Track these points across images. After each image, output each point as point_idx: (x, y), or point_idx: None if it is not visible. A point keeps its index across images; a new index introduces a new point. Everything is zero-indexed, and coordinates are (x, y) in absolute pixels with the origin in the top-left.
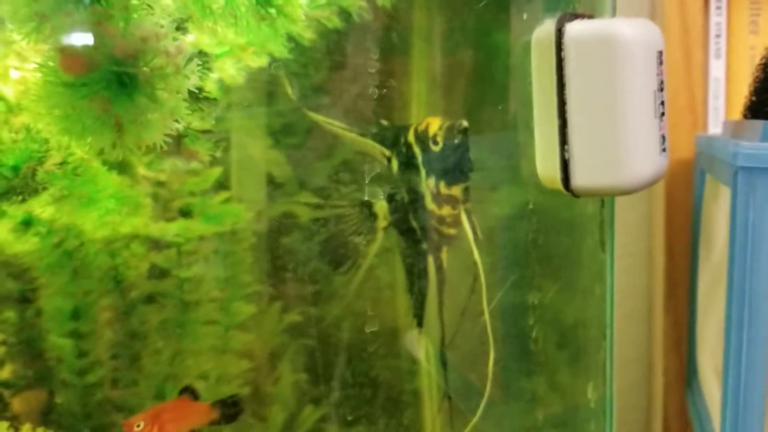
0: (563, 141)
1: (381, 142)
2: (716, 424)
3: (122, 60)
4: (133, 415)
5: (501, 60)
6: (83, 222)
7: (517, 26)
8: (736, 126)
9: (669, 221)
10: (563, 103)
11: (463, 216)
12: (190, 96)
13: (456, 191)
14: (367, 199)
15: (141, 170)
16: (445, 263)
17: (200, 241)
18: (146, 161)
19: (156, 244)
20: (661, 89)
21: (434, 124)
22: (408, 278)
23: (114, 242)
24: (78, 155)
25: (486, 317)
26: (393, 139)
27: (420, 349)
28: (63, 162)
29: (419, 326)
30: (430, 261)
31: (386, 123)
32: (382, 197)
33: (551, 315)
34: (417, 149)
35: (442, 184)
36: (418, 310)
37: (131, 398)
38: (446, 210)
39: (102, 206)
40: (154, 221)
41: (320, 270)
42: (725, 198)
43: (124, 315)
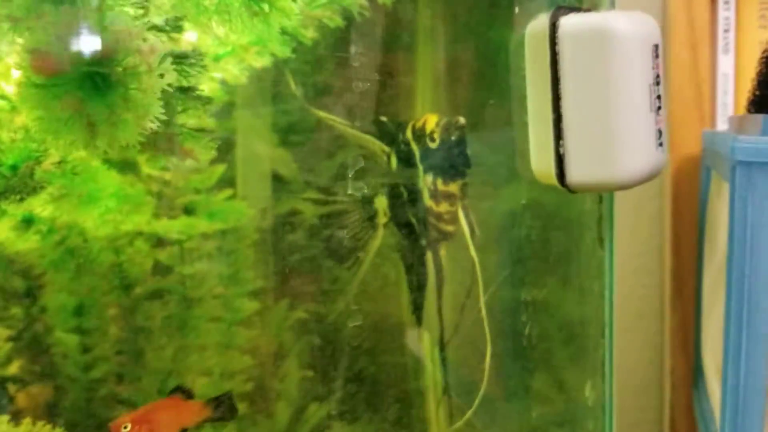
0: (558, 136)
1: (381, 139)
2: (718, 424)
3: (94, 60)
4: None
5: (502, 57)
6: (84, 220)
7: (520, 22)
8: (740, 121)
9: (675, 219)
10: (558, 98)
11: (461, 213)
12: (183, 94)
13: (453, 188)
14: (367, 195)
15: (145, 169)
16: (444, 260)
17: (203, 238)
18: (143, 159)
19: (159, 242)
20: (658, 83)
21: (431, 121)
22: (407, 275)
23: (117, 240)
24: (76, 154)
25: (483, 314)
26: (392, 136)
27: (422, 347)
28: (61, 161)
29: (418, 322)
30: (429, 257)
31: (386, 120)
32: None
33: (548, 312)
34: (415, 146)
35: (440, 181)
36: (417, 307)
37: (135, 394)
38: (444, 207)
39: (102, 204)
40: (157, 219)
41: (322, 266)
42: (727, 194)
43: (129, 311)
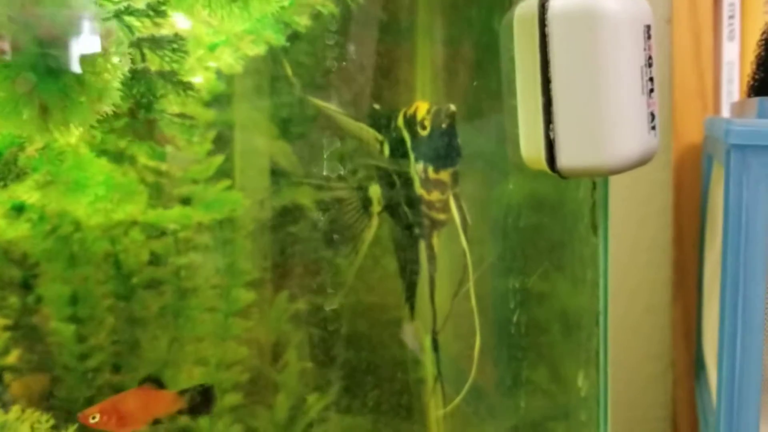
0: (548, 120)
1: (374, 127)
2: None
3: (47, 42)
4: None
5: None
6: (74, 208)
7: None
8: (740, 106)
9: (678, 209)
10: (547, 81)
11: (452, 201)
12: (163, 79)
13: (444, 176)
14: (362, 184)
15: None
16: (436, 248)
17: (199, 229)
18: (122, 145)
19: (156, 232)
20: (650, 65)
21: (422, 109)
22: (400, 264)
23: (111, 229)
24: (61, 141)
25: (473, 303)
26: (385, 124)
27: (416, 338)
28: (45, 147)
29: (411, 311)
30: (421, 246)
31: (378, 107)
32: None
33: (540, 301)
34: (406, 134)
35: (431, 169)
36: (410, 296)
37: (131, 384)
38: (435, 195)
39: (90, 192)
40: (152, 208)
41: (319, 256)
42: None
43: (124, 301)
